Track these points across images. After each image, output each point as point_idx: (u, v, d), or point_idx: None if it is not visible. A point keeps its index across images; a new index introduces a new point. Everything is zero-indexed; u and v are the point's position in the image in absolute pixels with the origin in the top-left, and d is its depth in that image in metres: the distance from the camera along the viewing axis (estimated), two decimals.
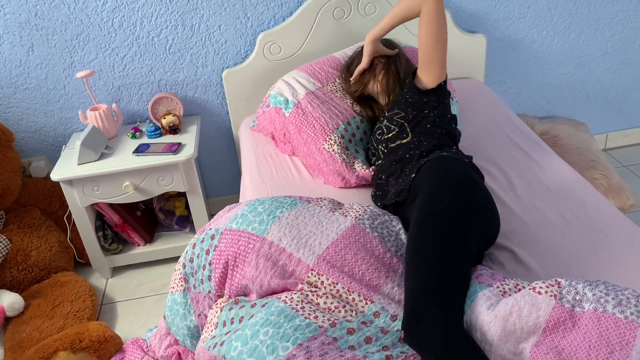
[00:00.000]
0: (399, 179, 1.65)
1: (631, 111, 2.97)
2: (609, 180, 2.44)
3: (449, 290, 1.22)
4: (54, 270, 2.24)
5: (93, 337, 1.83)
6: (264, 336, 1.20)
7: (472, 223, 1.35)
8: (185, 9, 2.26)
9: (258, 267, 1.39)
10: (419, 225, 1.35)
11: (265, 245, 1.41)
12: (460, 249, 1.30)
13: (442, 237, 1.30)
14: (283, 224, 1.45)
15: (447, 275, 1.24)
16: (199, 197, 2.29)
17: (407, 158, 1.67)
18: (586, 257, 1.47)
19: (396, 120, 1.74)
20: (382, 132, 1.79)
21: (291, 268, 1.38)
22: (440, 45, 1.67)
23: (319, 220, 1.46)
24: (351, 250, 1.37)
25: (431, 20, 1.65)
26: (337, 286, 1.33)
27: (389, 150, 1.74)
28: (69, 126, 2.43)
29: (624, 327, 1.08)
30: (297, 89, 2.04)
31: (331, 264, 1.35)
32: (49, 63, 2.28)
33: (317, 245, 1.39)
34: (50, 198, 2.41)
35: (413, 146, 1.68)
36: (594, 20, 2.63)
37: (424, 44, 1.68)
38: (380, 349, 1.19)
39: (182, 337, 1.59)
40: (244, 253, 1.43)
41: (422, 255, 1.29)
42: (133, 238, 2.39)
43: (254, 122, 2.23)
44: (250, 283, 1.41)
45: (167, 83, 2.41)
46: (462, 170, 1.49)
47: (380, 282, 1.33)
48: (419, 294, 1.22)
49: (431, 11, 1.64)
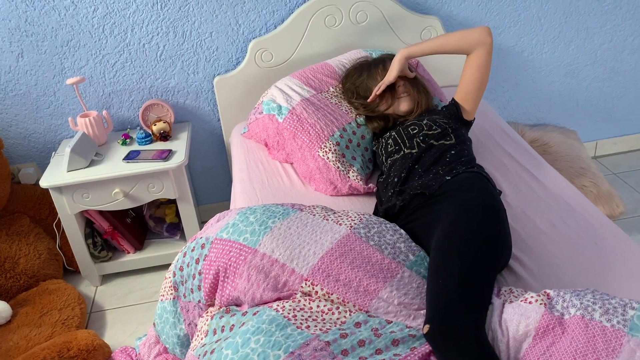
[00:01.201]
0: (430, 174, 1.63)
1: (620, 119, 3.00)
2: (599, 188, 2.46)
3: (481, 299, 1.25)
4: (42, 278, 2.22)
5: (81, 345, 1.82)
6: (255, 344, 1.19)
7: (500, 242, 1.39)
8: (177, 16, 2.26)
9: (250, 279, 1.38)
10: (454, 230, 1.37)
11: (257, 257, 1.39)
12: (494, 258, 1.34)
13: (478, 246, 1.33)
14: (275, 235, 1.43)
15: (481, 284, 1.27)
16: (190, 204, 2.28)
17: (446, 159, 1.66)
18: (576, 265, 1.47)
19: (440, 123, 1.76)
20: (420, 128, 1.76)
21: (284, 279, 1.36)
22: (483, 87, 1.84)
23: (312, 230, 1.45)
24: (347, 258, 1.36)
25: (482, 64, 1.78)
26: (332, 296, 1.32)
27: (427, 145, 1.71)
28: (58, 133, 2.42)
29: (611, 336, 1.09)
30: (291, 95, 2.04)
31: (326, 274, 1.34)
32: (39, 69, 2.26)
33: (312, 255, 1.37)
34: (40, 205, 2.39)
35: (454, 152, 1.68)
36: (583, 30, 2.66)
37: (469, 83, 1.81)
38: (374, 352, 1.18)
39: (172, 346, 1.57)
40: (235, 265, 1.41)
41: (459, 258, 1.30)
42: (123, 245, 2.37)
43: (244, 129, 2.22)
44: (242, 295, 1.39)
45: (158, 90, 2.40)
46: (496, 195, 1.53)
47: (379, 286, 1.32)
48: (452, 295, 1.23)
49: (484, 56, 1.78)
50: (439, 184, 1.55)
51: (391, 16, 2.36)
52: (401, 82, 1.90)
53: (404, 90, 1.90)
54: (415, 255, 1.42)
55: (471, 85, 1.82)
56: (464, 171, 1.58)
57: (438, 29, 2.42)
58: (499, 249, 1.37)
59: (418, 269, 1.39)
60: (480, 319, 1.21)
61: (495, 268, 1.34)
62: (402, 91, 1.90)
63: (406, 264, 1.38)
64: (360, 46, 2.37)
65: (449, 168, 1.61)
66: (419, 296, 1.33)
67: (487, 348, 1.15)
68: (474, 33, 1.79)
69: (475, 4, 2.48)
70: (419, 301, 1.32)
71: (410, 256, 1.41)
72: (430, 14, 2.45)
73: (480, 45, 1.77)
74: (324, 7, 2.29)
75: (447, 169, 1.61)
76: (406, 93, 1.89)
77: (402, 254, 1.41)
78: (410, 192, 1.60)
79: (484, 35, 1.77)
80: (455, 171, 1.58)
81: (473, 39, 1.78)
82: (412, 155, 1.70)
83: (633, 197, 2.67)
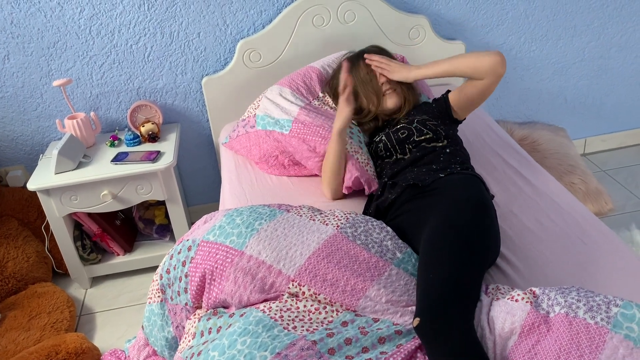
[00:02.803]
0: (423, 168, 1.64)
1: (609, 116, 3.01)
2: (588, 185, 2.47)
3: (470, 294, 1.25)
4: (31, 281, 2.21)
5: (70, 348, 1.81)
6: (241, 345, 1.19)
7: (490, 239, 1.40)
8: (164, 16, 2.25)
9: (237, 282, 1.37)
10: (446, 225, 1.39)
11: (243, 259, 1.39)
12: (483, 254, 1.35)
13: (468, 241, 1.34)
14: (262, 237, 1.42)
15: (471, 279, 1.28)
16: (179, 206, 2.27)
17: (440, 158, 1.66)
18: (563, 263, 1.48)
19: (430, 126, 1.74)
20: (410, 133, 1.74)
21: (271, 280, 1.36)
22: (481, 103, 1.78)
23: (299, 231, 1.44)
24: (334, 258, 1.36)
25: (487, 91, 1.72)
26: (319, 297, 1.32)
27: (420, 149, 1.70)
28: (46, 135, 2.40)
29: (594, 332, 1.10)
30: (286, 107, 1.98)
31: (313, 274, 1.34)
32: (26, 71, 2.25)
33: (299, 256, 1.37)
34: (28, 208, 2.38)
35: (449, 151, 1.69)
36: (571, 27, 2.67)
37: (469, 98, 1.76)
38: (360, 350, 1.19)
39: (161, 348, 1.57)
40: (221, 267, 1.40)
41: (449, 252, 1.31)
42: (112, 247, 2.36)
43: (226, 139, 2.16)
44: (229, 297, 1.38)
45: (146, 91, 2.39)
46: (487, 196, 1.54)
47: (366, 285, 1.32)
48: (443, 289, 1.24)
49: (493, 85, 1.70)
50: (432, 179, 1.56)
51: (379, 16, 2.36)
52: (384, 79, 1.86)
53: (388, 87, 1.85)
54: (402, 252, 1.43)
55: (469, 102, 1.77)
56: (458, 171, 1.59)
57: (426, 28, 2.42)
58: (489, 243, 1.38)
59: (405, 266, 1.39)
60: (470, 313, 1.21)
61: (485, 263, 1.35)
62: (387, 88, 1.85)
63: (393, 261, 1.39)
64: (349, 46, 2.37)
65: (443, 166, 1.62)
66: (407, 293, 1.33)
67: (476, 342, 1.15)
68: (485, 61, 1.64)
69: (463, 3, 2.49)
70: (406, 298, 1.32)
71: (398, 254, 1.42)
72: (418, 13, 2.45)
73: (492, 75, 1.65)
74: (312, 7, 2.29)
75: (442, 167, 1.62)
76: (391, 89, 1.85)
77: (389, 252, 1.41)
78: (403, 183, 1.61)
79: (497, 66, 1.63)
80: (450, 170, 1.60)
81: (484, 68, 1.64)
82: (404, 159, 1.72)
83: (621, 195, 2.68)
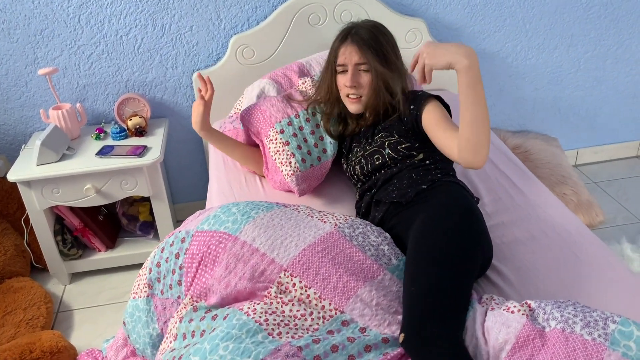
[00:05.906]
0: (404, 181, 1.56)
1: (601, 128, 3.00)
2: (579, 196, 2.46)
3: (458, 302, 1.23)
4: (7, 275, 2.14)
5: (45, 347, 1.75)
6: (223, 351, 1.15)
7: (478, 244, 1.37)
8: (156, 8, 2.19)
9: (228, 267, 1.35)
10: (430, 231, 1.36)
11: (237, 244, 1.36)
12: (471, 259, 1.32)
13: (453, 246, 1.31)
14: (258, 224, 1.40)
15: (459, 287, 1.25)
16: (164, 203, 2.22)
17: (419, 170, 1.57)
18: (555, 276, 1.45)
19: (401, 150, 1.60)
20: (384, 159, 1.62)
21: (262, 267, 1.33)
22: None
23: (296, 224, 1.42)
24: (329, 254, 1.34)
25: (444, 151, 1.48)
26: (309, 291, 1.30)
27: (397, 168, 1.60)
28: (29, 125, 2.34)
29: (592, 349, 1.07)
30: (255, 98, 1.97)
31: (306, 266, 1.32)
32: (10, 58, 2.18)
33: (294, 247, 1.35)
34: (8, 199, 2.31)
35: (429, 162, 1.59)
36: (568, 37, 2.65)
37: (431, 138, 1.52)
38: (346, 358, 1.16)
39: (143, 346, 1.52)
40: (214, 252, 1.37)
41: (433, 261, 1.29)
42: (94, 243, 2.30)
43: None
44: (217, 282, 1.35)
45: (134, 84, 2.33)
46: (471, 200, 1.50)
47: (358, 285, 1.30)
48: (426, 303, 1.22)
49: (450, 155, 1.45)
50: (415, 192, 1.52)
51: (376, 17, 2.32)
52: (345, 77, 1.63)
53: (349, 91, 1.65)
54: (398, 259, 1.41)
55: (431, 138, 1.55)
56: (439, 179, 1.55)
57: (423, 31, 2.39)
58: (476, 247, 1.35)
59: (400, 273, 1.38)
60: (458, 324, 1.20)
61: (472, 271, 1.32)
62: (346, 93, 1.66)
63: (388, 267, 1.37)
64: None
65: (425, 177, 1.56)
66: (398, 300, 1.31)
67: (464, 355, 1.13)
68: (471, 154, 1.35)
69: (461, 8, 2.46)
70: (397, 304, 1.30)
71: (393, 260, 1.40)
72: (415, 16, 2.42)
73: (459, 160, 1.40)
74: (308, 5, 2.25)
75: (423, 178, 1.56)
76: (356, 97, 1.65)
77: (385, 257, 1.39)
78: (386, 200, 1.57)
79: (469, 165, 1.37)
80: (431, 177, 1.55)
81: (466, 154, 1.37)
82: (383, 178, 1.63)
83: (612, 207, 2.67)
